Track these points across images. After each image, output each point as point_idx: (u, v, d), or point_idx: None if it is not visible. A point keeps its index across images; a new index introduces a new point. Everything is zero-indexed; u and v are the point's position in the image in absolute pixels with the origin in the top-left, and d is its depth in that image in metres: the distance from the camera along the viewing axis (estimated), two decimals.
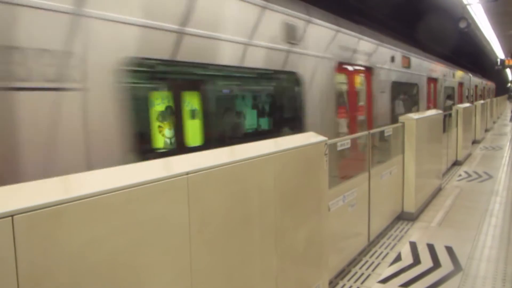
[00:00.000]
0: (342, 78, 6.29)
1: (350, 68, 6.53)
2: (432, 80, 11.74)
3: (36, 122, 2.30)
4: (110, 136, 2.68)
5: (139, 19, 2.92)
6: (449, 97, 14.37)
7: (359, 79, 7.00)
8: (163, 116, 4.35)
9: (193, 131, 4.17)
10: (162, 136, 4.39)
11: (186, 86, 4.31)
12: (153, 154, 3.88)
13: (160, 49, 3.10)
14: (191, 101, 4.39)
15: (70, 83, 2.48)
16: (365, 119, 7.02)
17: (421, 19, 12.70)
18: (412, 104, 9.91)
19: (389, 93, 7.98)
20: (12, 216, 1.30)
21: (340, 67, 6.02)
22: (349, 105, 6.56)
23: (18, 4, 2.22)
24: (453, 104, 12.94)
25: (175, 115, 4.30)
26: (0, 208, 1.29)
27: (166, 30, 3.15)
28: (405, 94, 9.68)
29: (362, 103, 7.08)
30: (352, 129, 6.46)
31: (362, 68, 6.94)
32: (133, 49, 2.88)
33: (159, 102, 4.41)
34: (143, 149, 3.55)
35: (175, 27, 3.22)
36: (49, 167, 2.31)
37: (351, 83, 6.67)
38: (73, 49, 2.49)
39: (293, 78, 4.82)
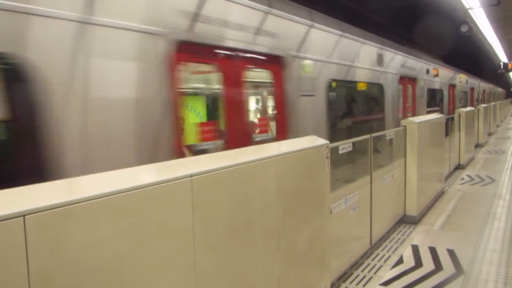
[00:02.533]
0: (400, 86, 8.50)
1: (405, 79, 8.78)
2: (452, 86, 13.98)
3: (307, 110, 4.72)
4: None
5: (336, 61, 5.47)
6: (461, 100, 16.15)
7: (409, 87, 9.17)
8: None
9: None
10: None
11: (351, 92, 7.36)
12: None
13: (341, 74, 5.67)
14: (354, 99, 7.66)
15: (313, 92, 4.85)
16: (411, 114, 9.15)
17: (423, 24, 12.74)
18: (440, 105, 12.28)
19: (425, 97, 10.29)
20: (23, 216, 1.35)
21: (401, 79, 8.35)
22: (403, 104, 8.86)
23: None
24: (464, 106, 15.52)
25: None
26: (12, 208, 1.35)
27: (344, 65, 5.75)
28: (435, 97, 11.94)
29: (409, 103, 9.23)
30: (404, 117, 8.55)
31: (411, 79, 9.16)
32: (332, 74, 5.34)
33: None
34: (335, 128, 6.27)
35: (348, 63, 5.89)
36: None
37: (405, 89, 8.89)
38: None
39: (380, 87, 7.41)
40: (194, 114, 4.68)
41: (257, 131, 4.59)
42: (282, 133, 4.43)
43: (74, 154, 2.36)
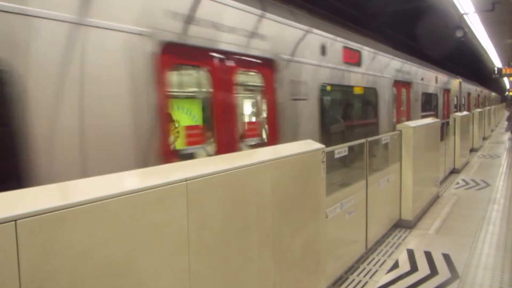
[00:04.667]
0: (394, 90, 8.42)
1: (400, 83, 8.74)
2: (446, 91, 13.91)
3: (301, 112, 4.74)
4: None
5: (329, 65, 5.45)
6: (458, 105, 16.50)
7: (403, 91, 9.18)
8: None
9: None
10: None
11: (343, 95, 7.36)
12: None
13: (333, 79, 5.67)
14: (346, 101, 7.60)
15: (305, 97, 4.77)
16: (405, 118, 9.18)
17: (419, 28, 12.83)
18: (430, 108, 12.00)
19: (420, 101, 10.36)
20: (15, 220, 1.33)
21: (395, 83, 8.36)
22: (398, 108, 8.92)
23: None
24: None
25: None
26: (4, 213, 1.33)
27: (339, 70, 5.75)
28: (429, 101, 11.98)
29: (403, 107, 9.29)
30: (398, 120, 8.73)
31: (406, 83, 9.15)
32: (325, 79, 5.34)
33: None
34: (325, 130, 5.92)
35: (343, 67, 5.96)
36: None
37: (399, 93, 8.85)
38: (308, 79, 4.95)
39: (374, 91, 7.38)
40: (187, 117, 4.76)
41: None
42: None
43: (53, 158, 2.27)
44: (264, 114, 4.54)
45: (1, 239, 1.31)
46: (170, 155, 3.10)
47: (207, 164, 2.29)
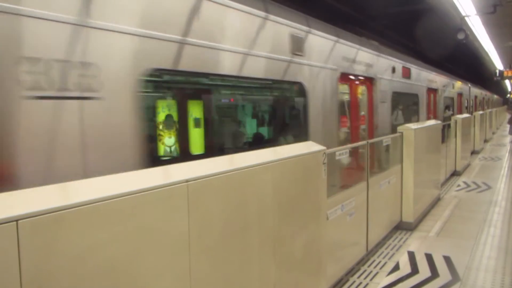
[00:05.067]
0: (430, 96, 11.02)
1: (431, 90, 11.06)
2: (459, 95, 16.15)
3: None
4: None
5: (395, 79, 7.94)
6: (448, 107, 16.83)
7: (432, 95, 11.32)
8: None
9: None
10: None
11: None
12: None
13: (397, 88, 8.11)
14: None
15: (385, 100, 7.23)
16: (433, 116, 11.32)
17: (420, 30, 12.83)
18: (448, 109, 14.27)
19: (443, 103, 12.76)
20: (16, 221, 1.34)
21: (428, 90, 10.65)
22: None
23: None
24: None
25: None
26: (5, 213, 1.33)
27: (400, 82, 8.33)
28: (448, 103, 14.05)
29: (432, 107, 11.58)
30: (428, 116, 10.91)
31: (434, 90, 11.44)
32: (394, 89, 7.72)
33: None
34: None
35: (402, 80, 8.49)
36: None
37: (429, 97, 11.01)
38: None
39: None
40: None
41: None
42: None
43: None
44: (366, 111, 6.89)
45: (2, 239, 1.31)
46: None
47: (208, 165, 2.30)
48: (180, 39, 2.98)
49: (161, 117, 4.37)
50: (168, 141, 4.39)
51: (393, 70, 7.70)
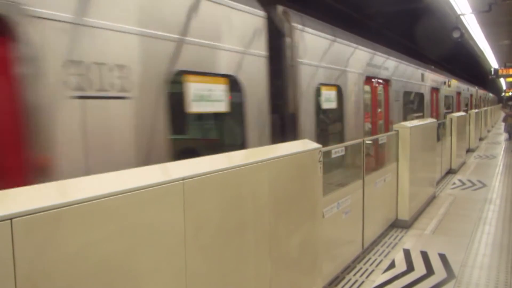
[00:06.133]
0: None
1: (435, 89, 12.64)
2: (470, 96, 20.32)
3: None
4: None
5: (402, 79, 9.20)
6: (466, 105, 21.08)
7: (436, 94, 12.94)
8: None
9: None
10: None
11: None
12: None
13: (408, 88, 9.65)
14: None
15: (398, 99, 8.56)
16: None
17: (416, 29, 12.86)
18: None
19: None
20: (11, 219, 1.33)
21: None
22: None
23: None
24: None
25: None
26: (0, 211, 1.32)
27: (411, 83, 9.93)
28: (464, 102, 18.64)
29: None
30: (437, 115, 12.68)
31: (436, 89, 12.84)
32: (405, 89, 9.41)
33: None
34: None
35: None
36: None
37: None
38: None
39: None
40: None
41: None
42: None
43: None
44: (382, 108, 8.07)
45: None
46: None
47: (204, 163, 2.29)
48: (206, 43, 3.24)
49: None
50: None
51: (404, 72, 9.22)
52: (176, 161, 2.26)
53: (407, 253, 4.84)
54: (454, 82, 15.29)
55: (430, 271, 4.32)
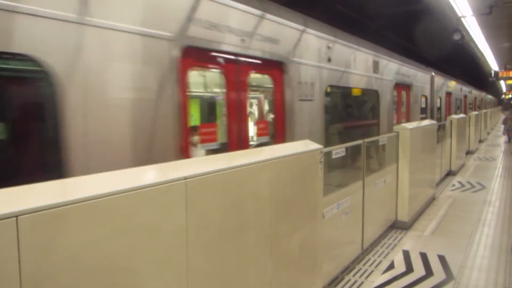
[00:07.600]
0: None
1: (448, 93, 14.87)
2: (465, 97, 20.47)
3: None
4: None
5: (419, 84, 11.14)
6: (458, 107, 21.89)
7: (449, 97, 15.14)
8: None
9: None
10: None
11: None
12: None
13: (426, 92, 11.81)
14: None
15: (417, 100, 10.73)
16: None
17: (417, 31, 12.89)
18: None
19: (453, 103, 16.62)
20: (16, 216, 1.34)
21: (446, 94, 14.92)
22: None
23: None
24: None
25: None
26: (5, 208, 1.34)
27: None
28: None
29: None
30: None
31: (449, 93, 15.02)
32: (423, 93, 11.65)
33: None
34: None
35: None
36: None
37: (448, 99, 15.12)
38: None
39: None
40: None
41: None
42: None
43: None
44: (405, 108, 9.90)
45: (2, 235, 1.32)
46: None
47: (206, 163, 2.31)
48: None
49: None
50: None
51: (421, 77, 11.04)
52: (178, 161, 2.27)
53: (406, 254, 4.86)
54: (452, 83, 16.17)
55: (429, 272, 4.34)
